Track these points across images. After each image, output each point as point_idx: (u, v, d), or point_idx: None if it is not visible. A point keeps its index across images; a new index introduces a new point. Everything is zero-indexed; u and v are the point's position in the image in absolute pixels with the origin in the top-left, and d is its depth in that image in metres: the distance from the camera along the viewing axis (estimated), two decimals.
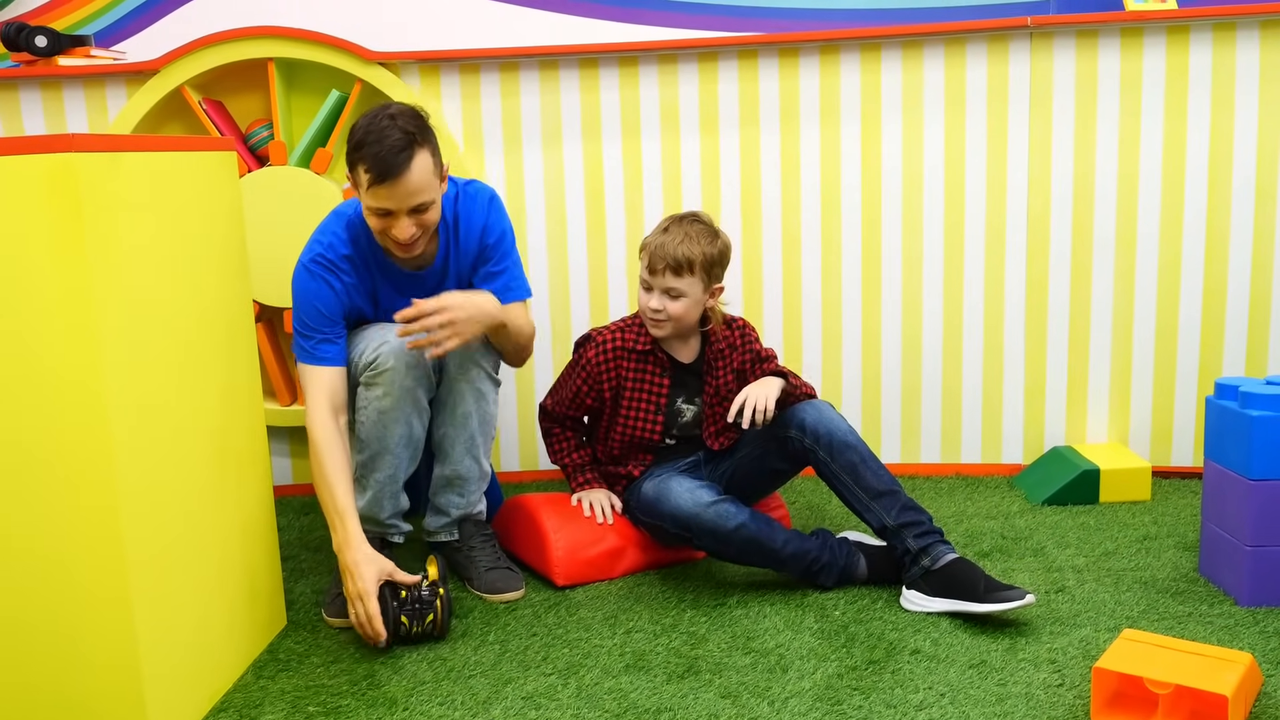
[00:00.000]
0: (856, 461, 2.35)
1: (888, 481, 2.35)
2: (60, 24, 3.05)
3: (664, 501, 2.37)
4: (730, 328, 2.59)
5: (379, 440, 2.30)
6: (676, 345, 2.56)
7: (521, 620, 2.26)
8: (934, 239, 3.04)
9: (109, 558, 1.67)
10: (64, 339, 1.61)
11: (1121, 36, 2.90)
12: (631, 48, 2.97)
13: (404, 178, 2.15)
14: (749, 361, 2.58)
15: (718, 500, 2.34)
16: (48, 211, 1.57)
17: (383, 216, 2.21)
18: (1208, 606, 2.22)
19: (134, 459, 1.69)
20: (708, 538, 2.34)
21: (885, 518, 2.31)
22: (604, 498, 2.56)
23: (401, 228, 2.21)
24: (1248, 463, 2.18)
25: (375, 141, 2.15)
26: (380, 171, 2.13)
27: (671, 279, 2.42)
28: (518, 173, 3.05)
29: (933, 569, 2.23)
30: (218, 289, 2.02)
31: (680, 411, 2.58)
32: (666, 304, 2.44)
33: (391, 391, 2.25)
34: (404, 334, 2.20)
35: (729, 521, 2.31)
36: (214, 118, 2.94)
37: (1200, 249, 2.97)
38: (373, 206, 2.20)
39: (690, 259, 2.40)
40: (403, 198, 2.17)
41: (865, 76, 2.99)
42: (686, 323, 2.49)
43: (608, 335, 2.55)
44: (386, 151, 2.13)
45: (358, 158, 2.18)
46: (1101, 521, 2.73)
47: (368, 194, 2.19)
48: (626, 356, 2.53)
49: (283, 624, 2.27)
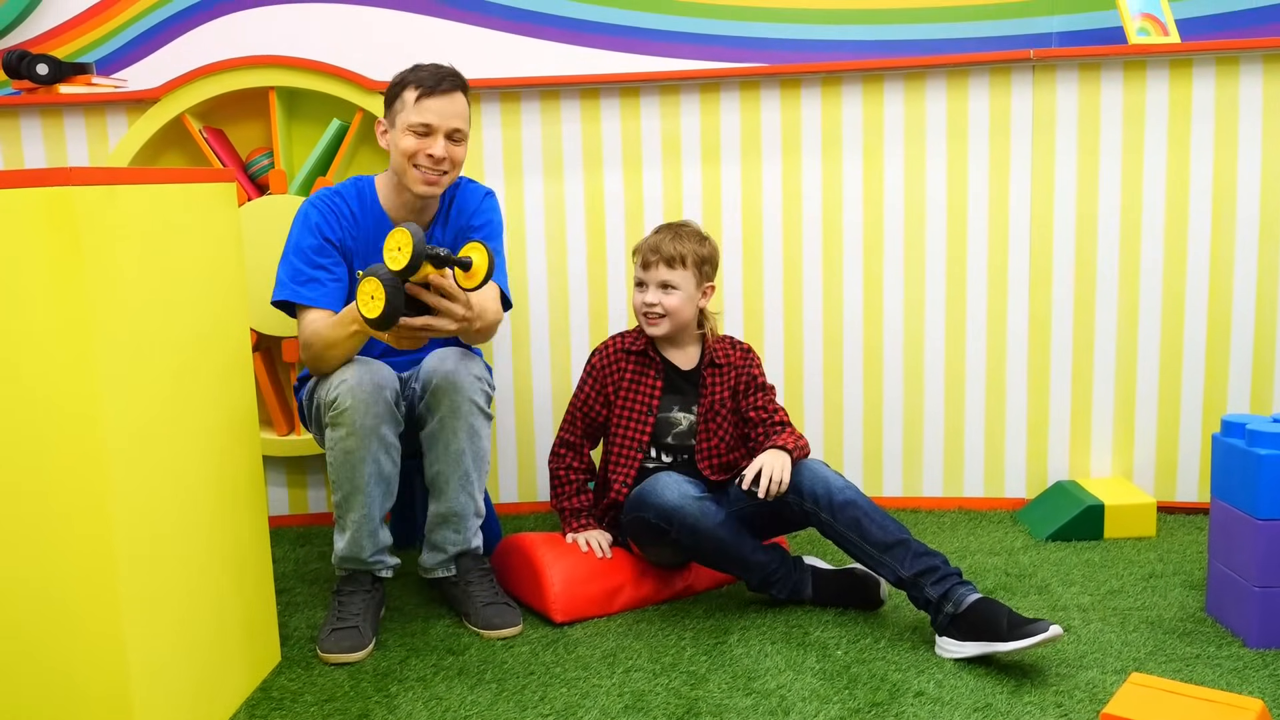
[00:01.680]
0: (859, 517, 2.30)
1: (894, 531, 2.28)
2: (61, 52, 3.04)
3: (651, 492, 2.37)
4: (734, 347, 2.63)
5: (349, 480, 2.28)
6: (673, 350, 2.60)
7: (519, 658, 2.22)
8: (936, 271, 3.03)
9: (101, 590, 1.64)
10: (60, 371, 1.59)
11: (1124, 69, 2.89)
12: (633, 78, 2.97)
13: (452, 95, 2.40)
14: (744, 384, 2.59)
15: (703, 497, 2.37)
16: (46, 245, 1.55)
17: (421, 135, 2.38)
18: (1216, 648, 2.19)
19: (128, 491, 1.67)
20: (686, 532, 2.34)
21: (899, 569, 2.25)
22: (600, 535, 2.54)
23: (439, 146, 2.37)
24: (1255, 502, 2.16)
25: (424, 69, 2.41)
26: (432, 84, 2.37)
27: (665, 271, 2.51)
28: (518, 203, 3.03)
29: (957, 614, 2.17)
30: (215, 320, 2.00)
31: (675, 420, 2.58)
32: (662, 298, 2.52)
33: (354, 431, 2.23)
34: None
35: (708, 519, 2.34)
36: (214, 146, 2.93)
37: (1204, 282, 2.95)
38: (415, 123, 2.37)
39: (682, 254, 2.52)
40: (448, 115, 2.39)
41: (867, 108, 2.98)
42: (682, 318, 2.54)
43: (609, 341, 2.65)
44: (435, 74, 2.39)
45: (407, 79, 2.40)
46: (1106, 558, 2.70)
47: (414, 108, 2.37)
48: (625, 357, 2.60)
49: (276, 660, 2.24)
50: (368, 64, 2.95)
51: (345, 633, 2.25)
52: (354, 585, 2.35)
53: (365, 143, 3.02)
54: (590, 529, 2.57)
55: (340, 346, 2.30)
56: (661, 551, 2.47)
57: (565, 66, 3.06)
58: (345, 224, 2.45)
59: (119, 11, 3.04)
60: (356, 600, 2.33)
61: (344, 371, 2.26)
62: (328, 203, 2.45)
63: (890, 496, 3.13)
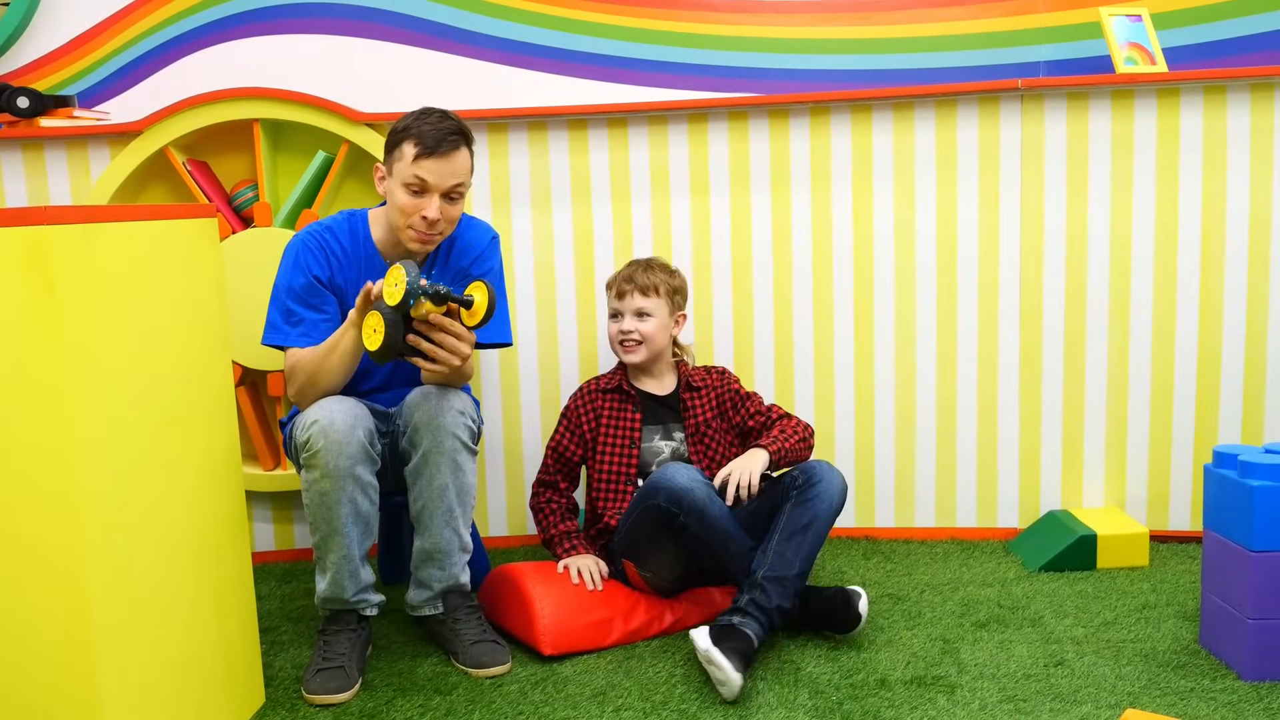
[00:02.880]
0: (806, 524, 2.34)
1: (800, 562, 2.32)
2: (43, 85, 3.02)
3: (662, 477, 2.38)
4: (709, 372, 2.73)
5: (326, 522, 2.25)
6: (648, 380, 2.69)
7: (508, 698, 2.19)
8: (927, 301, 3.02)
9: (76, 633, 1.61)
10: (34, 415, 1.56)
11: (1112, 99, 2.89)
12: (621, 109, 2.96)
13: (450, 156, 2.31)
14: (729, 401, 2.68)
15: (710, 485, 2.40)
16: (20, 287, 1.53)
17: (416, 194, 2.32)
18: (1210, 681, 2.17)
19: (104, 532, 1.64)
20: (695, 516, 2.34)
21: (762, 568, 2.31)
22: (591, 563, 2.52)
23: (433, 208, 2.32)
24: (1248, 533, 2.14)
25: (427, 122, 2.32)
26: (430, 145, 2.29)
27: (640, 299, 2.62)
28: (506, 233, 3.02)
29: (723, 624, 2.23)
30: (197, 358, 1.97)
31: (657, 449, 2.63)
32: (637, 325, 2.62)
33: (328, 473, 2.21)
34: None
35: (713, 506, 2.36)
36: (198, 179, 2.91)
37: (1194, 311, 2.95)
38: (410, 181, 2.31)
39: (655, 283, 2.64)
40: (444, 175, 2.31)
41: (856, 138, 2.97)
42: (657, 345, 2.65)
43: (585, 384, 2.74)
44: (438, 130, 2.30)
45: (406, 135, 2.32)
46: (1100, 589, 2.68)
47: (411, 166, 2.30)
48: (601, 396, 2.67)
49: (261, 701, 2.20)
50: (354, 96, 2.94)
51: (331, 673, 2.22)
52: (339, 624, 2.32)
53: (351, 175, 3.00)
54: (581, 553, 2.56)
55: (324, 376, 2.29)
56: (662, 558, 2.45)
57: (553, 97, 3.05)
58: (335, 261, 2.43)
59: (101, 44, 3.02)
60: (342, 639, 2.29)
61: (316, 411, 2.24)
62: (317, 239, 2.42)
63: (883, 527, 3.11)
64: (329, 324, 2.38)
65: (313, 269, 2.39)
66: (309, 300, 2.38)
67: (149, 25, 3.02)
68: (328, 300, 2.41)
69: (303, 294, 2.38)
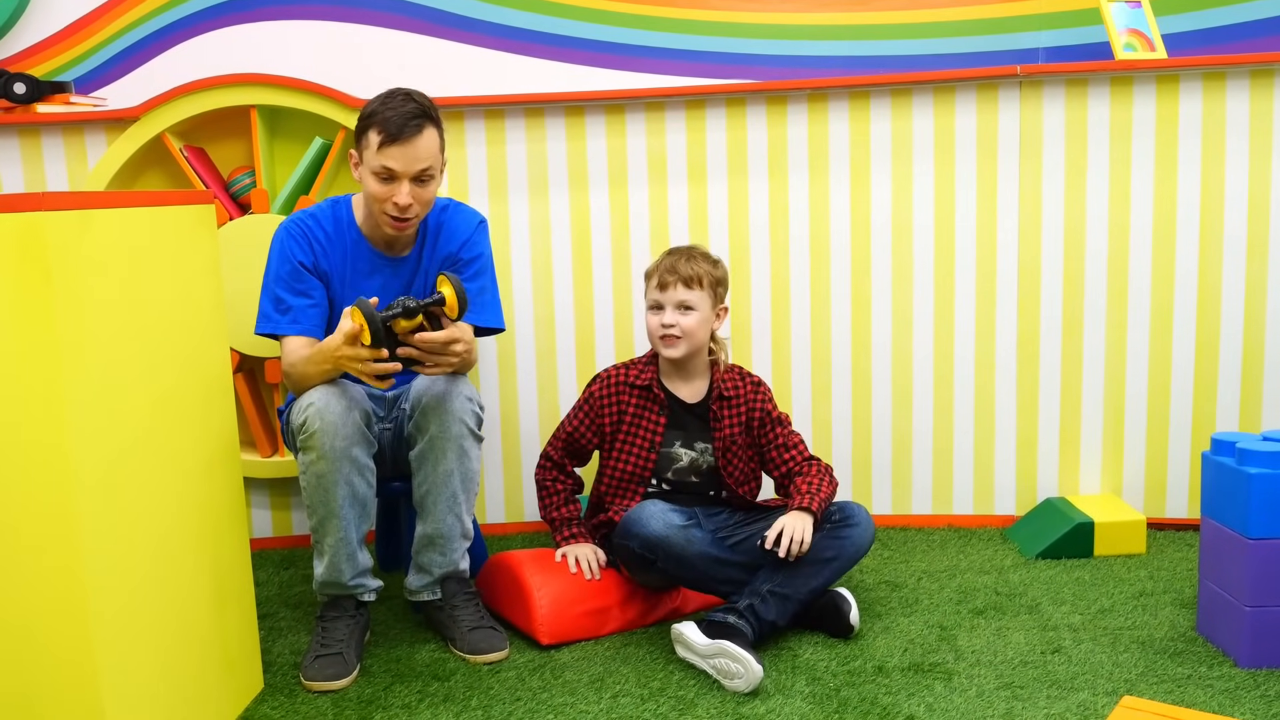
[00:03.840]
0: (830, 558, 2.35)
1: (809, 592, 2.33)
2: (39, 70, 3.01)
3: (636, 522, 2.36)
4: (743, 378, 2.60)
5: (323, 505, 2.25)
6: (679, 383, 2.57)
7: (505, 684, 2.19)
8: (924, 287, 3.01)
9: (73, 621, 1.61)
10: (30, 400, 1.55)
11: (1111, 85, 2.89)
12: (618, 95, 2.95)
13: (414, 141, 2.29)
14: (758, 419, 2.58)
15: (689, 525, 2.36)
16: (16, 273, 1.52)
17: (385, 181, 2.32)
18: (1207, 668, 2.17)
19: (100, 520, 1.64)
20: (672, 562, 2.34)
21: (770, 582, 2.30)
22: (590, 552, 2.51)
23: (403, 194, 2.31)
24: (1246, 521, 2.14)
25: (390, 107, 2.30)
26: (392, 132, 2.28)
27: (683, 291, 2.48)
28: (503, 221, 3.01)
29: (716, 620, 2.23)
30: (194, 343, 1.97)
31: (676, 456, 2.56)
32: (679, 319, 2.48)
33: (324, 454, 2.21)
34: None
35: (693, 546, 2.33)
36: (195, 165, 2.90)
37: (1192, 298, 2.94)
38: (378, 170, 2.31)
39: (699, 274, 2.49)
40: (410, 160, 2.30)
41: (854, 125, 2.97)
42: (698, 340, 2.51)
43: (613, 371, 2.61)
44: (400, 115, 2.29)
45: (370, 122, 2.31)
46: (1097, 576, 2.69)
47: (376, 155, 2.30)
48: (628, 391, 2.56)
49: (259, 688, 2.20)
50: (351, 82, 2.92)
51: (329, 659, 2.23)
52: (337, 611, 2.32)
53: (348, 162, 2.98)
54: (580, 541, 2.55)
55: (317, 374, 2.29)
56: (649, 577, 2.45)
57: (550, 83, 3.04)
58: (319, 246, 2.44)
59: (98, 29, 3.01)
60: (340, 626, 2.30)
61: (312, 394, 2.24)
62: (301, 226, 2.44)
63: (879, 514, 3.11)
64: (316, 309, 2.41)
65: (297, 256, 2.41)
66: (295, 287, 2.41)
67: (146, 11, 3.01)
68: (314, 286, 2.42)
69: (289, 281, 2.41)
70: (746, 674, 2.09)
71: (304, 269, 2.41)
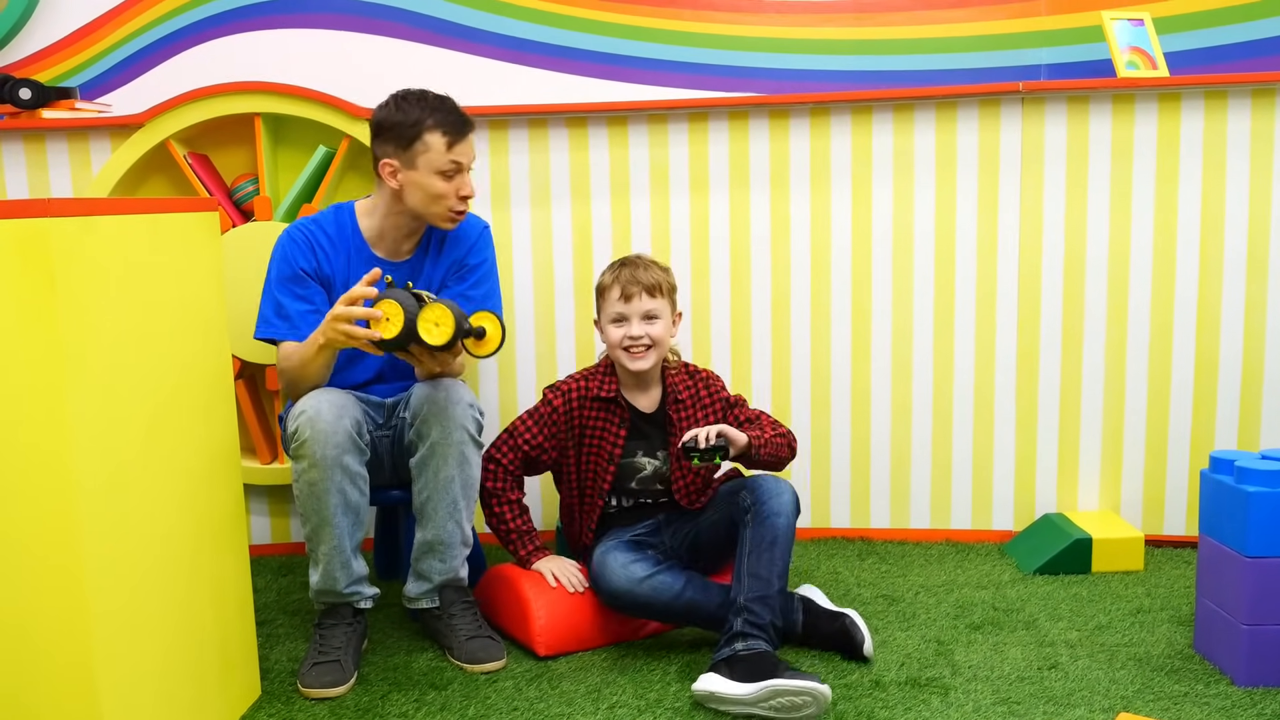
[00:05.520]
0: (770, 541, 2.28)
1: (776, 579, 2.25)
2: (45, 76, 3.02)
3: (600, 578, 2.37)
4: (693, 378, 2.60)
5: (316, 512, 2.25)
6: (637, 394, 2.56)
7: (502, 694, 2.19)
8: (924, 303, 3.02)
9: (72, 626, 1.61)
10: (32, 405, 1.56)
11: (1113, 103, 2.90)
12: (621, 107, 2.96)
13: (471, 134, 2.43)
14: (719, 410, 2.58)
15: (654, 573, 2.34)
16: (19, 280, 1.53)
17: (452, 177, 2.40)
18: (1204, 686, 2.17)
19: (101, 526, 1.64)
20: (646, 610, 2.35)
21: (742, 594, 2.23)
22: (569, 567, 2.50)
23: (468, 184, 2.42)
24: (1244, 539, 2.14)
25: (439, 109, 2.40)
26: (459, 130, 2.39)
27: (648, 301, 2.48)
28: (505, 230, 3.02)
29: (727, 656, 2.15)
30: (196, 350, 1.97)
31: (639, 466, 2.55)
32: (647, 329, 2.48)
33: (316, 462, 2.21)
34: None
35: (666, 592, 2.33)
36: (199, 172, 2.91)
37: (1192, 315, 2.95)
38: (446, 168, 2.38)
39: (658, 281, 2.51)
40: (471, 151, 2.43)
41: (856, 139, 2.98)
42: (665, 348, 2.53)
43: (573, 384, 2.56)
44: (455, 113, 2.41)
45: (425, 127, 2.37)
46: (1094, 592, 2.69)
47: (446, 154, 2.38)
48: (590, 405, 2.54)
49: (256, 695, 2.20)
50: (354, 90, 2.93)
51: (326, 667, 2.23)
52: (335, 618, 2.32)
53: (351, 169, 3.00)
54: (547, 555, 2.54)
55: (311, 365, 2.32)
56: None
57: (553, 95, 3.06)
58: (321, 252, 2.46)
59: (103, 36, 3.02)
60: (338, 633, 2.30)
61: (304, 402, 2.25)
62: (303, 233, 2.46)
63: (878, 528, 3.11)
64: (316, 315, 2.41)
65: (299, 262, 2.43)
66: (295, 292, 2.42)
67: (152, 18, 3.02)
68: (315, 292, 2.44)
69: (289, 287, 2.42)
70: (816, 699, 2.02)
71: (305, 275, 2.43)
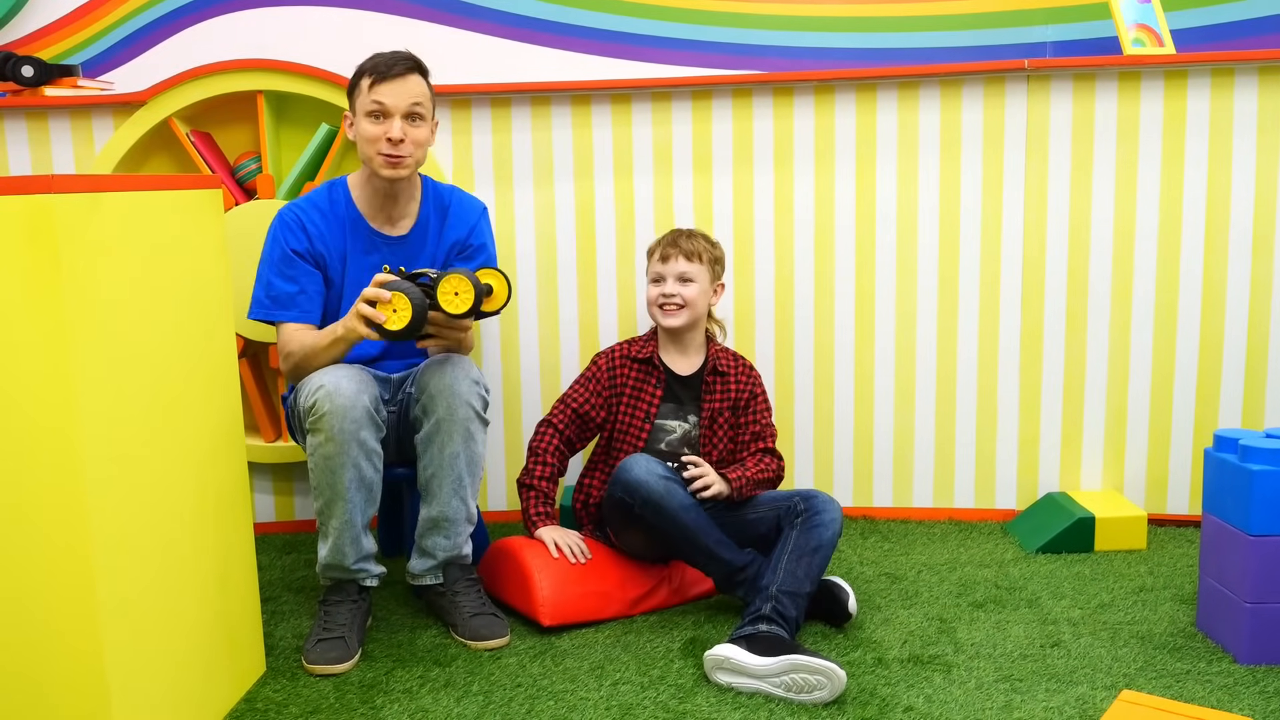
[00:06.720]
0: (815, 548, 2.33)
1: (810, 583, 2.30)
2: (47, 54, 3.01)
3: (622, 469, 2.42)
4: (737, 360, 2.68)
5: (330, 487, 2.26)
6: (675, 356, 2.65)
7: (506, 670, 2.20)
8: (928, 281, 3.01)
9: (79, 602, 1.62)
10: (37, 385, 1.56)
11: (1119, 80, 2.88)
12: (625, 85, 2.95)
13: (403, 78, 2.40)
14: (745, 399, 2.64)
15: (669, 478, 2.40)
16: (24, 256, 1.53)
17: (378, 120, 2.39)
18: (1206, 664, 2.18)
19: (106, 502, 1.65)
20: (650, 510, 2.37)
21: (775, 584, 2.26)
22: (572, 537, 2.52)
23: (395, 128, 2.38)
24: (1247, 517, 2.15)
25: (377, 56, 2.43)
26: (382, 70, 2.38)
27: (684, 264, 2.60)
28: (508, 209, 3.01)
29: (749, 634, 2.16)
30: (200, 328, 1.97)
31: (669, 428, 2.62)
32: (680, 289, 2.59)
33: (333, 436, 2.21)
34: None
35: (672, 499, 2.36)
36: (202, 150, 2.90)
37: (1196, 293, 2.94)
38: (370, 109, 2.39)
39: (698, 249, 2.62)
40: (400, 95, 2.39)
41: (860, 117, 2.97)
42: (698, 311, 2.62)
43: (615, 347, 2.70)
44: (388, 58, 2.41)
45: (363, 68, 2.42)
46: (1097, 571, 2.69)
47: (368, 94, 2.39)
48: (630, 365, 2.64)
49: (261, 670, 2.21)
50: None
51: (331, 643, 2.23)
52: (340, 595, 2.33)
53: (354, 148, 2.98)
54: (552, 525, 2.56)
55: (323, 354, 2.33)
56: (634, 538, 2.48)
57: (556, 72, 3.05)
58: (314, 229, 2.47)
59: (106, 13, 3.01)
60: (343, 610, 2.31)
61: (321, 376, 2.25)
62: (294, 213, 2.47)
63: (880, 507, 3.11)
64: (306, 297, 2.44)
65: (290, 243, 2.44)
66: (287, 273, 2.44)
67: None
68: (306, 272, 2.45)
69: (282, 267, 2.44)
70: (831, 682, 2.02)
71: (297, 256, 2.44)
